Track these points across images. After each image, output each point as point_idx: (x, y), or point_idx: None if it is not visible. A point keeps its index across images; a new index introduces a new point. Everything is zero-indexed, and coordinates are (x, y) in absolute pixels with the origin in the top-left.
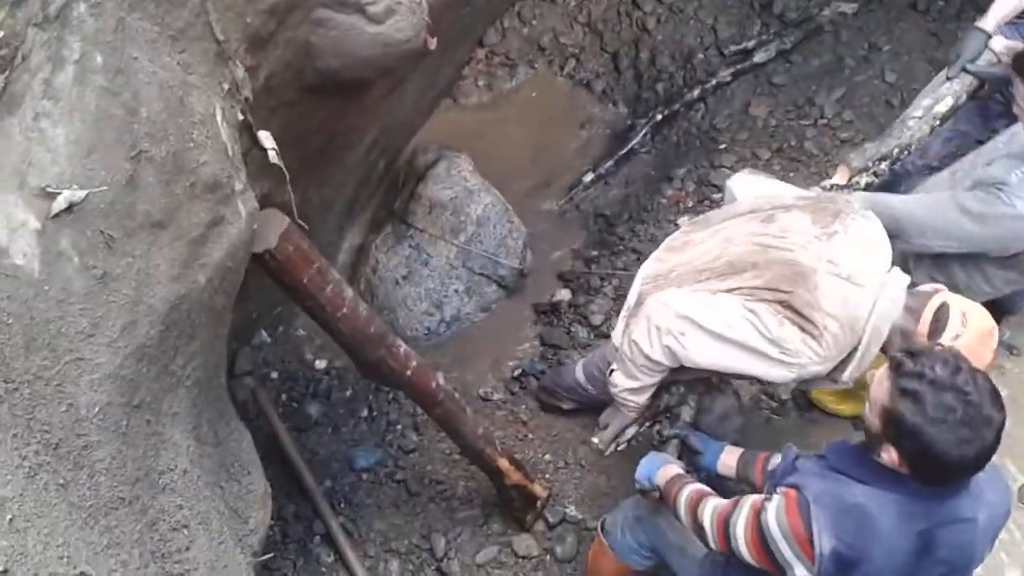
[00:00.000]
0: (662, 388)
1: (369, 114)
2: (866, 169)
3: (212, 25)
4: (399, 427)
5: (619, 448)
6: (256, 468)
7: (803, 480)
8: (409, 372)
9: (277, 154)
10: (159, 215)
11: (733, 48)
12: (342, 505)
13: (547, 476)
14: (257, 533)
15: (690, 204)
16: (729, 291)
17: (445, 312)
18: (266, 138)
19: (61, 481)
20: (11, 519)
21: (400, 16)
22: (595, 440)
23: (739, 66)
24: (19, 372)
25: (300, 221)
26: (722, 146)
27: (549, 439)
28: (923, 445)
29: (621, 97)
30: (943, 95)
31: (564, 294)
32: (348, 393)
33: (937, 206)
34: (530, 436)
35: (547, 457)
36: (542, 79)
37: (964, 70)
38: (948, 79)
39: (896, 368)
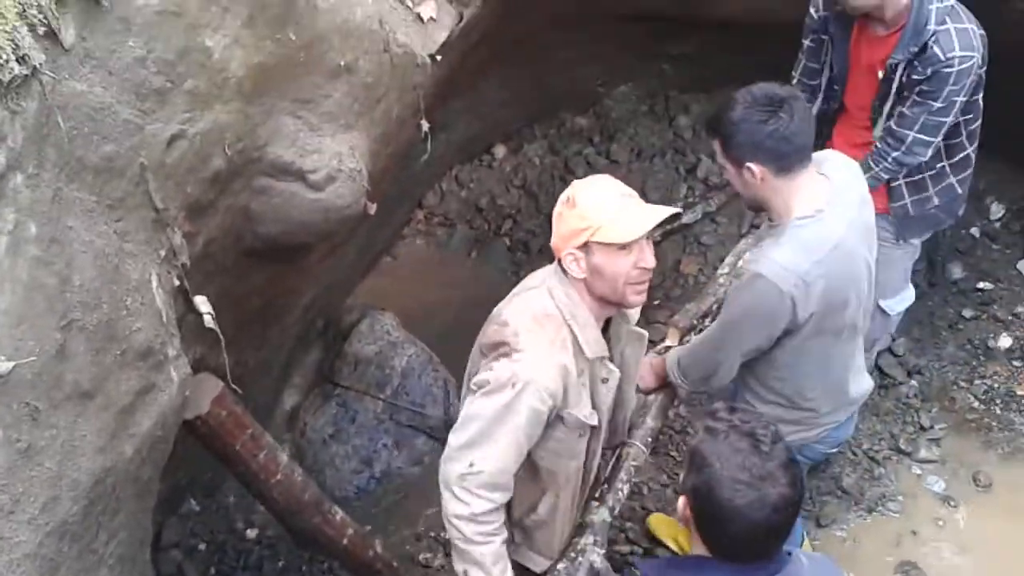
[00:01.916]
0: None
1: (308, 276)
2: (692, 327)
3: (151, 194)
4: None
5: None
6: None
7: None
8: (345, 540)
9: (213, 318)
10: (88, 384)
11: None
12: None
13: None
14: None
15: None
16: None
17: (375, 468)
18: (202, 303)
19: None
20: None
21: (340, 183)
22: None
23: (668, 227)
24: None
25: (235, 385)
26: (656, 302)
27: None
28: (708, 483)
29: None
30: (741, 250)
31: None
32: (280, 564)
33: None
34: None
35: None
36: (479, 238)
37: (752, 226)
38: (742, 236)
39: (711, 414)
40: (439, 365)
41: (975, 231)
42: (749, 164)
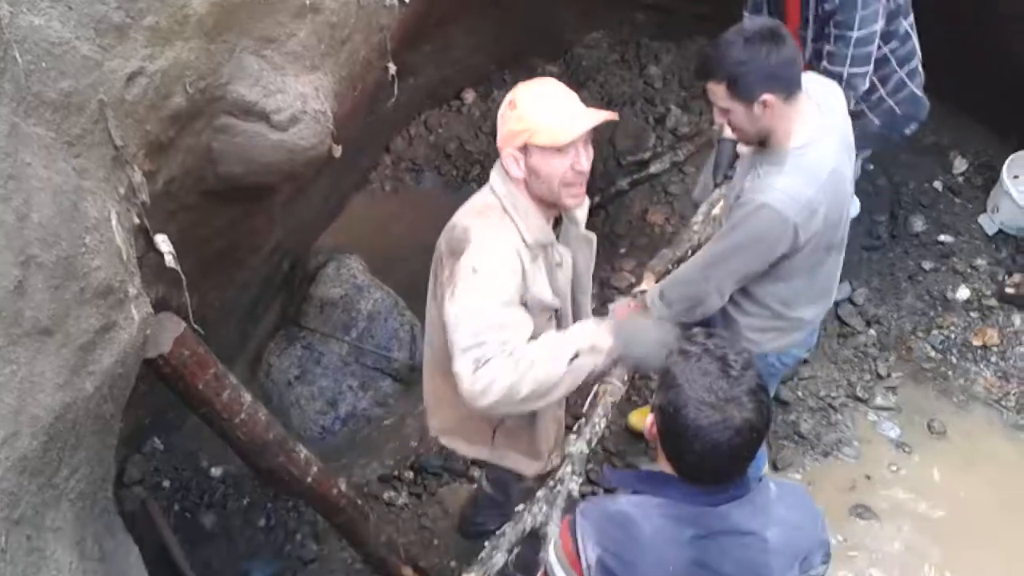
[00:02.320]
0: (525, 509)
1: (272, 218)
2: (667, 272)
3: (110, 131)
4: (299, 536)
5: None
6: None
7: (579, 506)
8: (309, 479)
9: (174, 258)
10: (47, 321)
11: (630, 159)
12: None
13: None
14: None
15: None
16: None
17: (340, 409)
18: (163, 242)
19: None
20: None
21: (304, 124)
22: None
23: (636, 176)
24: None
25: (198, 326)
26: (622, 251)
27: (455, 544)
28: (675, 403)
29: None
30: (716, 199)
31: None
32: (245, 502)
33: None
34: (436, 542)
35: (452, 564)
36: (448, 183)
37: (725, 176)
38: (716, 186)
39: (688, 337)
40: (405, 309)
41: (938, 184)
42: (764, 96)
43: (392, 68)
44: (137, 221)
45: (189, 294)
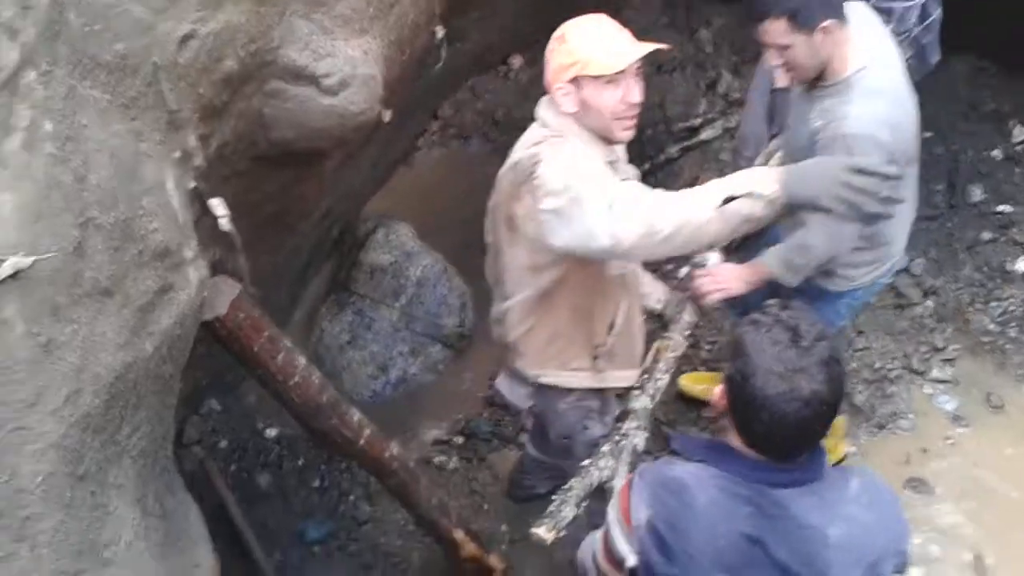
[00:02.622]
0: (591, 464)
1: (323, 183)
2: None
3: (164, 94)
4: (352, 498)
5: (560, 534)
6: (203, 541)
7: (639, 467)
8: (362, 441)
9: (229, 221)
10: (106, 282)
11: (681, 125)
12: None
13: (503, 548)
14: None
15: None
16: None
17: (391, 374)
18: (218, 205)
19: (2, 554)
20: None
21: (354, 89)
22: (535, 531)
23: (687, 142)
24: None
25: (252, 288)
26: None
27: (505, 509)
28: (743, 372)
29: None
30: (773, 150)
31: None
32: (299, 463)
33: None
34: (486, 506)
35: (503, 528)
36: (496, 149)
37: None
38: (771, 137)
39: (761, 308)
40: (455, 276)
41: (997, 154)
42: (824, 23)
43: (440, 32)
44: (192, 185)
45: (243, 258)
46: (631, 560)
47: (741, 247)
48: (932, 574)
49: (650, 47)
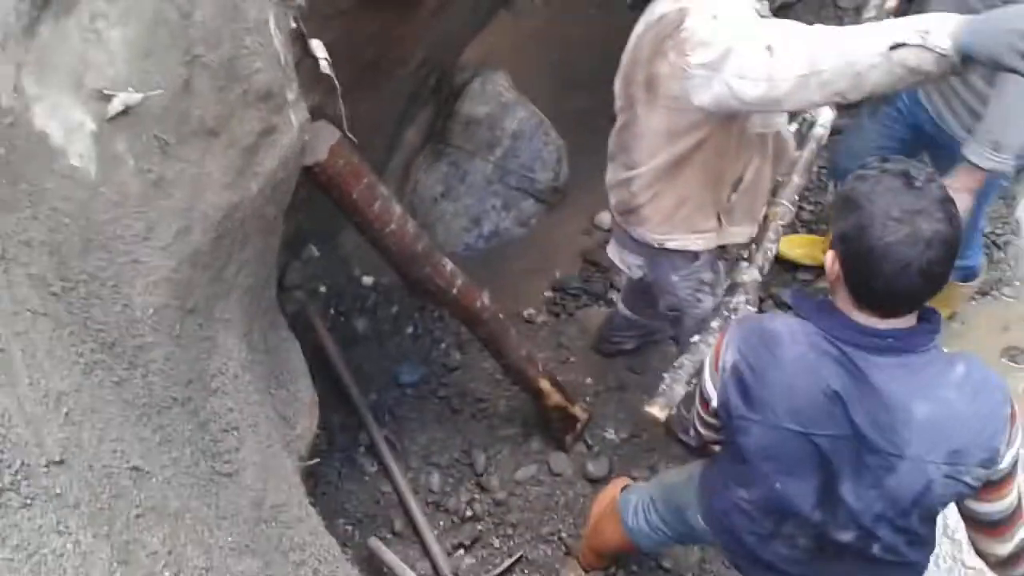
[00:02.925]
0: (701, 340)
1: (420, 28)
2: None
3: None
4: (443, 345)
5: (673, 411)
6: (304, 377)
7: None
8: (455, 290)
9: (329, 64)
10: (212, 122)
11: None
12: (386, 418)
13: (587, 399)
14: (304, 439)
15: None
16: None
17: (483, 227)
18: (318, 47)
19: (116, 379)
20: (67, 412)
21: None
22: (650, 409)
23: None
24: (76, 272)
25: (350, 135)
26: None
27: (591, 363)
28: (859, 224)
29: None
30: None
31: (606, 217)
32: (394, 310)
33: None
34: (572, 359)
35: (588, 380)
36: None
37: None
38: None
39: (861, 165)
40: (550, 129)
41: None
42: None
43: None
44: (294, 25)
45: (342, 103)
46: (714, 401)
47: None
48: None
49: None
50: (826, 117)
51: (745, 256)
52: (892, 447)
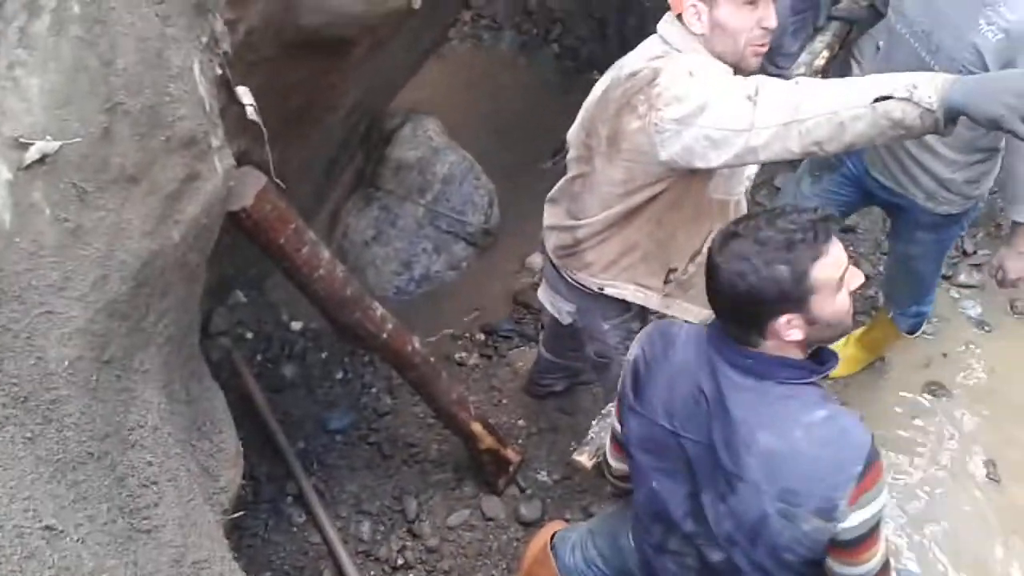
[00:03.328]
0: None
1: (350, 74)
2: None
3: None
4: (374, 390)
5: (599, 459)
6: (228, 427)
7: None
8: (385, 335)
9: (255, 111)
10: (133, 169)
11: None
12: (315, 466)
13: (520, 441)
14: (228, 491)
15: None
16: None
17: (415, 271)
18: (244, 94)
19: (28, 435)
20: None
21: None
22: (578, 458)
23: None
24: None
25: (278, 181)
26: None
27: (523, 405)
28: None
29: (607, 65)
30: (818, 49)
31: (537, 259)
32: (323, 355)
33: None
34: (504, 402)
35: (520, 423)
36: (527, 43)
37: (830, 18)
38: (817, 30)
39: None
40: (481, 173)
41: None
42: None
43: None
44: (219, 72)
45: (269, 150)
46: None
47: None
48: (946, 479)
49: None
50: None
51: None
52: (734, 466)
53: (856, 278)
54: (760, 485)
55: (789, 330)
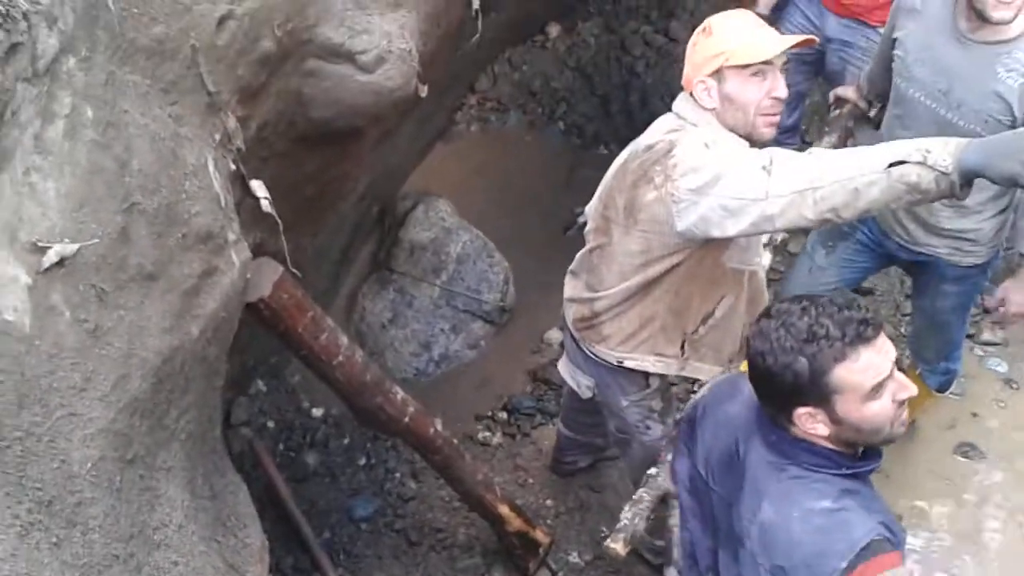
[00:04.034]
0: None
1: (361, 162)
2: None
3: (203, 77)
4: (398, 475)
5: (632, 546)
6: (253, 521)
7: None
8: (407, 419)
9: (270, 203)
10: (151, 267)
11: None
12: (341, 556)
13: (548, 522)
14: None
15: None
16: None
17: (433, 351)
18: (259, 187)
19: (54, 539)
20: None
21: (390, 65)
22: (613, 545)
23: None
24: (10, 429)
25: (294, 270)
26: None
27: (550, 484)
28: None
29: (613, 140)
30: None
31: (555, 334)
32: (346, 441)
33: None
34: (530, 481)
35: (548, 503)
36: (533, 123)
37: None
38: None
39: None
40: (494, 251)
41: None
42: None
43: (476, 3)
44: (233, 167)
45: (284, 239)
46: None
47: None
48: (980, 539)
49: (797, 39)
50: (766, 260)
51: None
52: (741, 531)
53: (903, 391)
54: (757, 556)
55: (813, 423)
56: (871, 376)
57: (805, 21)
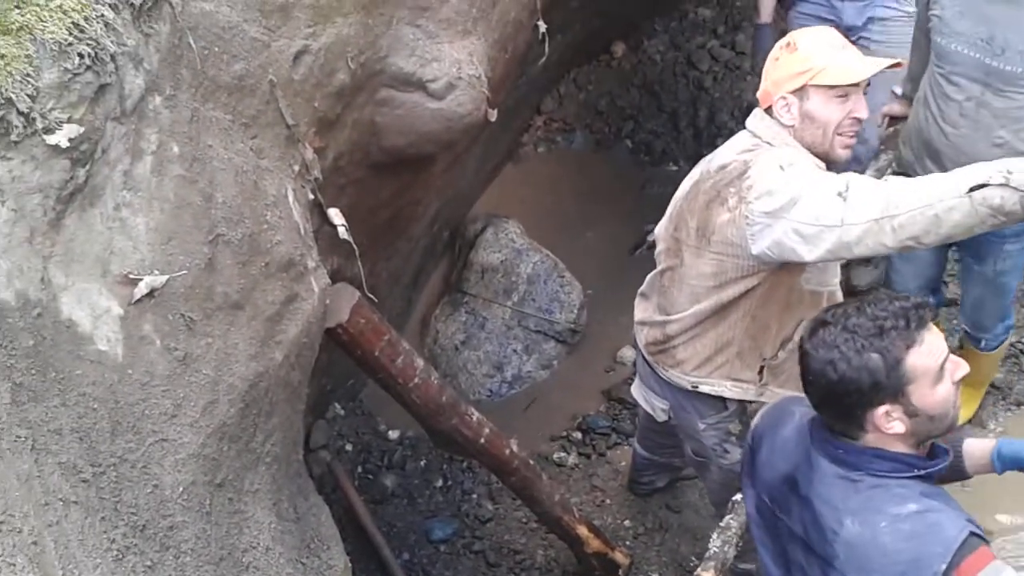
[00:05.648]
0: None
1: (432, 187)
2: None
3: (282, 111)
4: (474, 496)
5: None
6: (336, 542)
7: None
8: (482, 440)
9: (347, 230)
10: (236, 296)
11: None
12: None
13: (627, 543)
14: None
15: None
16: None
17: (506, 372)
18: (335, 215)
19: (148, 563)
20: None
21: (460, 91)
22: (702, 574)
23: None
24: (105, 455)
25: (370, 294)
26: None
27: (627, 504)
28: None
29: (682, 156)
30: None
31: (628, 353)
32: (422, 463)
33: None
34: (608, 502)
35: (626, 523)
36: (600, 142)
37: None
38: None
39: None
40: (564, 271)
41: None
42: None
43: (542, 26)
44: (311, 197)
45: (360, 265)
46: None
47: None
48: None
49: (888, 61)
50: None
51: None
52: (824, 553)
53: (960, 368)
54: (848, 574)
55: (890, 422)
56: (936, 357)
57: (819, 6)
